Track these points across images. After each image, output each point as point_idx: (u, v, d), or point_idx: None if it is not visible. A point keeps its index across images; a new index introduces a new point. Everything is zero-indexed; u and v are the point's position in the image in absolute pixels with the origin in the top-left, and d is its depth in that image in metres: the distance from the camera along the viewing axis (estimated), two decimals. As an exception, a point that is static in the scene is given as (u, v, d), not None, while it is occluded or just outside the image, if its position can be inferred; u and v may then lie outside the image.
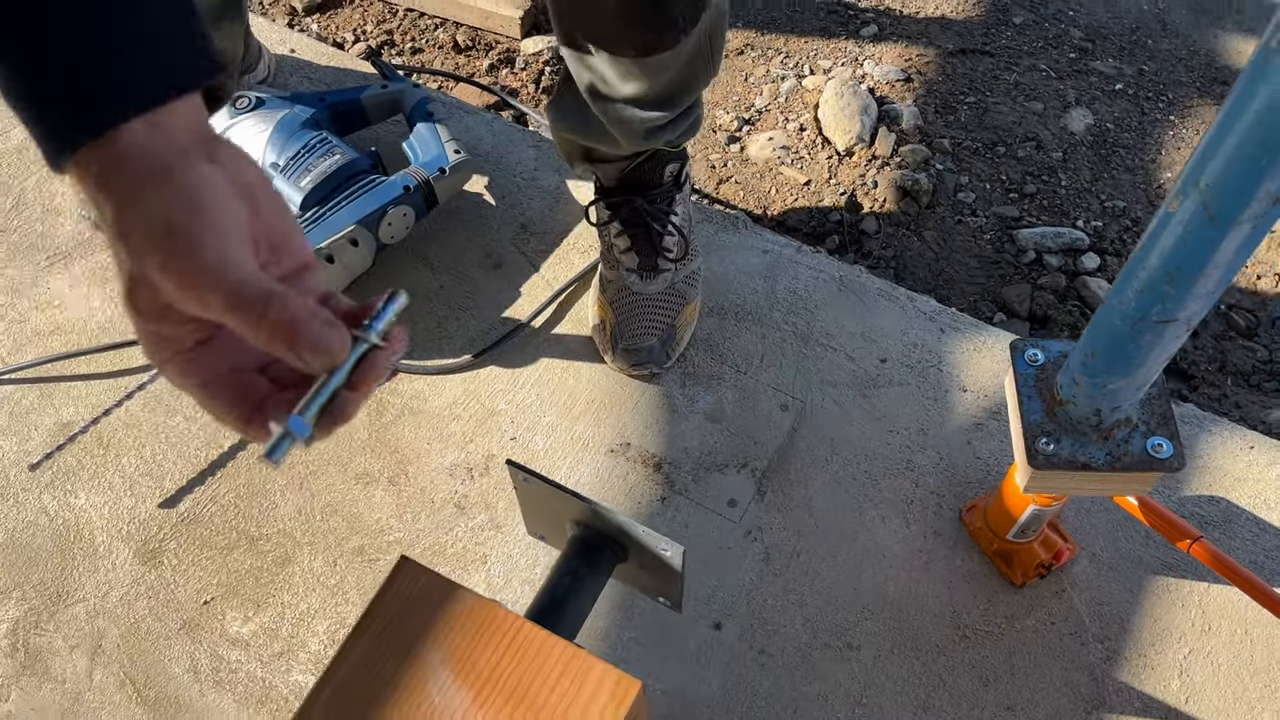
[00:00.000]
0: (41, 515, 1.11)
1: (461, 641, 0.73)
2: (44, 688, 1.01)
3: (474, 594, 0.74)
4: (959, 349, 1.18)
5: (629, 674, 0.71)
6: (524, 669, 0.72)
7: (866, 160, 1.52)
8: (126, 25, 0.44)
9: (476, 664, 0.72)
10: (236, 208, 0.45)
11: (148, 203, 0.43)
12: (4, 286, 1.26)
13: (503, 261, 1.27)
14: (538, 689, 0.71)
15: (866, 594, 1.04)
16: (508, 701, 0.70)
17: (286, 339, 0.44)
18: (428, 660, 0.72)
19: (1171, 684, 0.98)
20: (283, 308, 0.44)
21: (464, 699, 0.71)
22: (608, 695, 0.71)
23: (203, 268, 0.43)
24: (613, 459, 1.12)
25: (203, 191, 0.43)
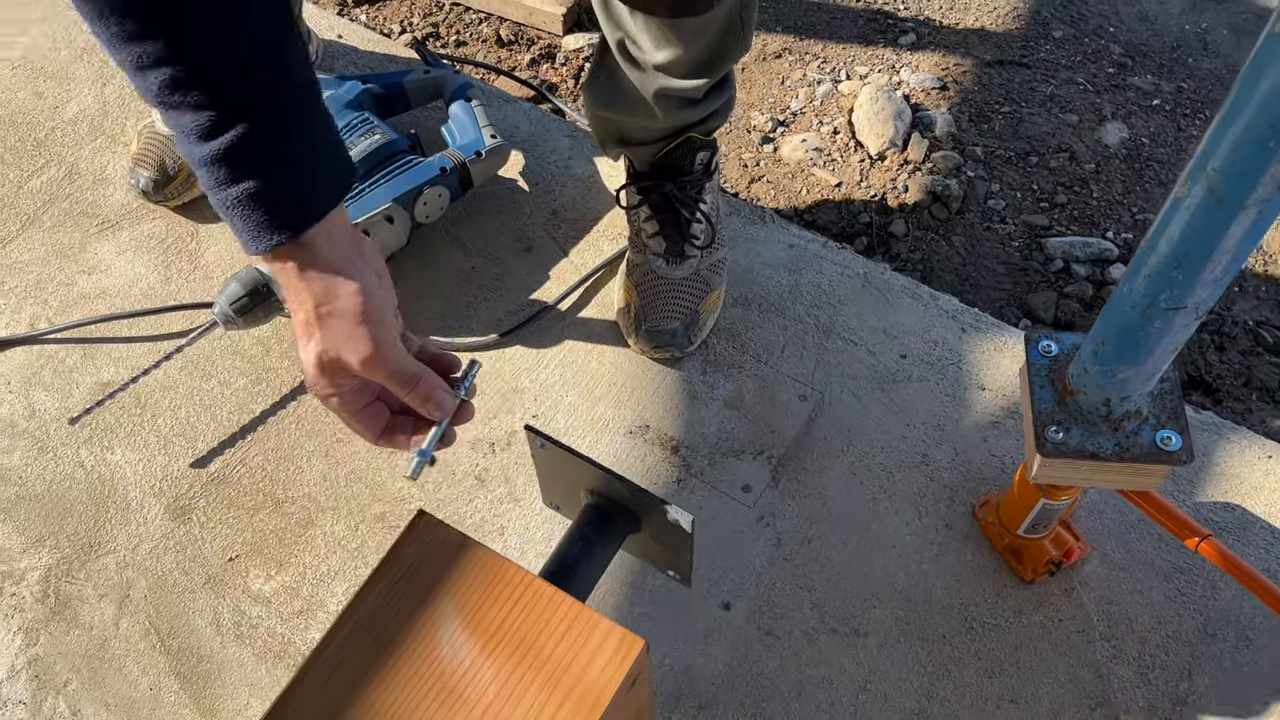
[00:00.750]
0: (78, 469, 1.15)
1: (473, 593, 0.75)
2: (72, 633, 1.05)
3: (487, 549, 0.76)
4: (980, 348, 1.19)
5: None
6: (531, 623, 0.74)
7: (898, 165, 1.54)
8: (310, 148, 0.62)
9: (486, 616, 0.74)
10: (388, 300, 0.66)
11: (343, 305, 0.63)
12: (54, 251, 1.31)
13: (533, 245, 1.29)
14: (544, 642, 0.73)
15: (876, 582, 1.05)
16: (514, 653, 0.72)
17: (421, 402, 0.69)
18: (440, 609, 0.74)
19: (1178, 686, 0.98)
20: (424, 383, 0.68)
21: (472, 648, 0.73)
22: (611, 651, 0.72)
23: (380, 357, 0.65)
24: (631, 440, 1.14)
25: (373, 296, 0.64)
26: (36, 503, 1.13)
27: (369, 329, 0.64)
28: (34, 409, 1.19)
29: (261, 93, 0.59)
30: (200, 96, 0.58)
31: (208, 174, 0.61)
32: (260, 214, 0.61)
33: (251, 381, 1.20)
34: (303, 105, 0.62)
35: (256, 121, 0.59)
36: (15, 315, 1.26)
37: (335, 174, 0.65)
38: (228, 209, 0.62)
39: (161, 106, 0.59)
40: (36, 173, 1.38)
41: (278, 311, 1.17)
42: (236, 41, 0.58)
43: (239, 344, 1.23)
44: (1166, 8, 1.77)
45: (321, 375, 0.67)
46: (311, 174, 0.62)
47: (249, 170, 0.60)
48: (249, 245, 0.62)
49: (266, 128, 0.60)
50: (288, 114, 0.61)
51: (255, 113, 0.59)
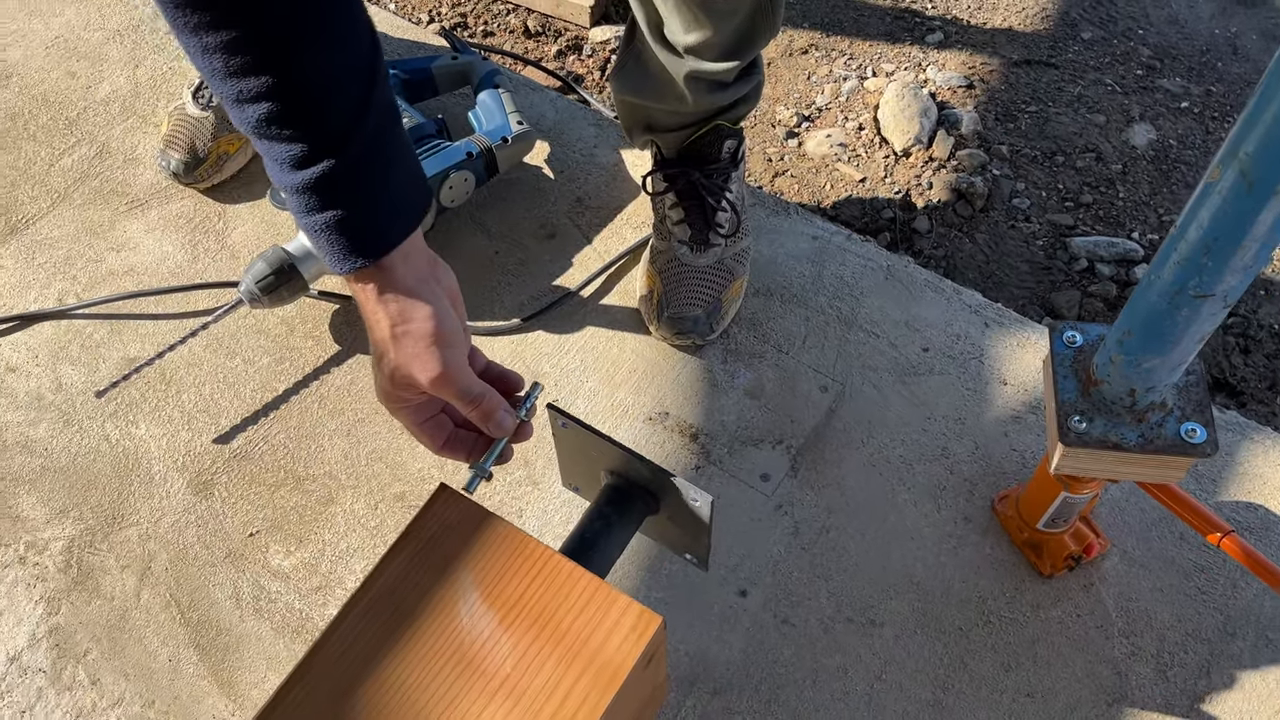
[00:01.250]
0: (103, 442, 1.16)
1: (493, 566, 0.75)
2: (93, 603, 1.06)
3: (507, 523, 0.77)
4: (1002, 343, 1.18)
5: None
6: (550, 597, 0.74)
7: (923, 162, 1.53)
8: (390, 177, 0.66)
9: (505, 588, 0.74)
10: (458, 322, 0.70)
11: (416, 327, 0.67)
12: (84, 228, 1.32)
13: (557, 232, 1.30)
14: (562, 616, 0.73)
15: (893, 573, 1.05)
16: (532, 626, 0.73)
17: (483, 420, 0.72)
18: (460, 580, 0.75)
19: (1196, 684, 0.97)
20: (487, 403, 0.72)
21: (491, 620, 0.73)
22: (629, 627, 0.73)
23: (447, 377, 0.68)
24: (651, 426, 1.15)
25: (445, 319, 0.68)
26: (61, 474, 1.14)
27: (439, 350, 0.67)
28: (61, 382, 1.20)
29: (350, 126, 0.63)
30: (294, 132, 0.62)
31: (297, 200, 0.65)
32: (344, 240, 0.65)
33: (275, 360, 1.21)
34: (385, 135, 0.66)
35: (343, 155, 0.63)
36: (44, 290, 1.27)
37: (413, 200, 0.69)
38: (314, 233, 0.66)
39: (255, 136, 0.63)
40: (68, 151, 1.39)
41: (302, 291, 1.18)
42: (333, 82, 0.62)
43: (263, 323, 1.24)
44: (1196, 11, 1.76)
45: (393, 389, 0.71)
46: (390, 203, 0.66)
47: (334, 201, 0.64)
48: (333, 266, 0.67)
49: (351, 162, 0.64)
50: (371, 147, 0.65)
51: (342, 148, 0.63)
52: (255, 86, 0.61)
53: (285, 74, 0.61)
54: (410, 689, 0.71)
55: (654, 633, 0.73)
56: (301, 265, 1.16)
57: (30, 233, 1.32)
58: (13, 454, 1.15)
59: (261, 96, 0.61)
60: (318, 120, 0.63)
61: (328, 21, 0.61)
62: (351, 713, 0.70)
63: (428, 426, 0.75)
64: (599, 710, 0.69)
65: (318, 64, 0.61)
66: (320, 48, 0.61)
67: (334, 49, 0.62)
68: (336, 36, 0.62)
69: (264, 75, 0.60)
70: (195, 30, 0.59)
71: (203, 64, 0.61)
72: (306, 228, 0.66)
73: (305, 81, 0.61)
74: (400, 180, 0.67)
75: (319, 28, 0.61)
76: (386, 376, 0.70)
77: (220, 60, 0.60)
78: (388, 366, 0.69)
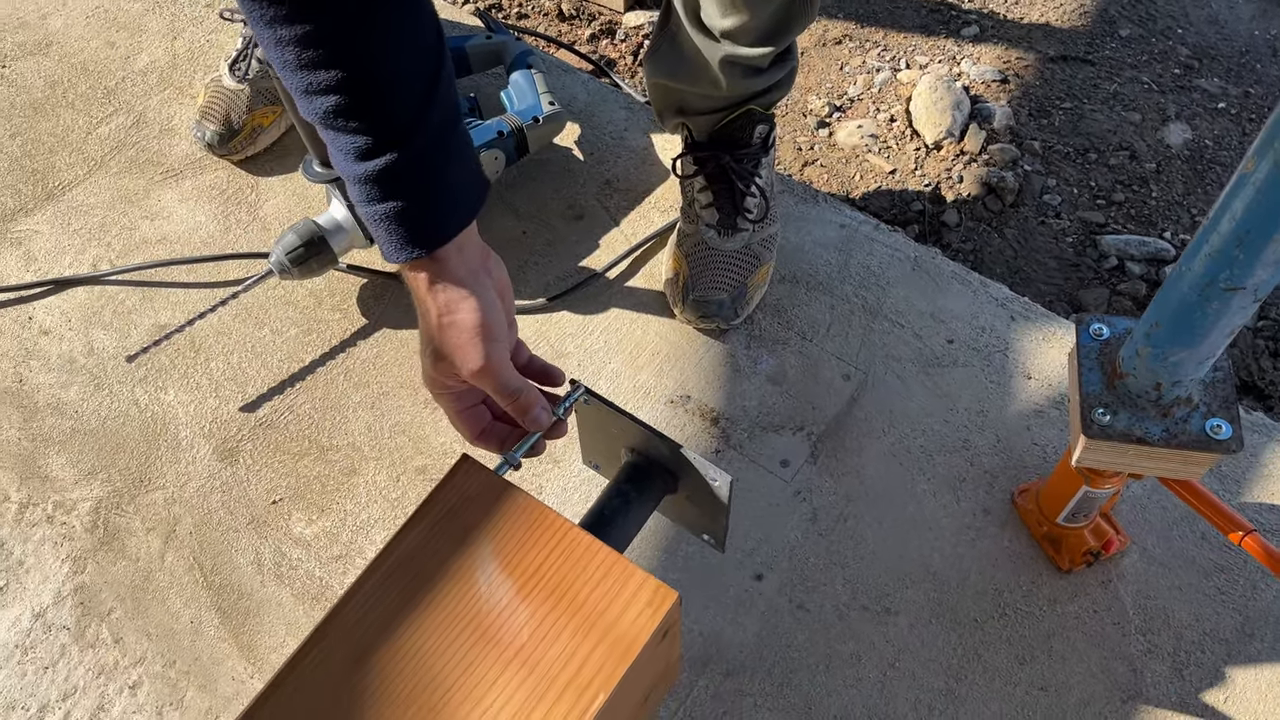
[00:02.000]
0: (133, 407, 1.18)
1: (512, 537, 0.76)
2: (118, 563, 1.08)
3: (527, 495, 0.77)
4: (1028, 336, 1.18)
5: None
6: (568, 569, 0.74)
7: (954, 155, 1.53)
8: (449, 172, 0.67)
9: (524, 560, 0.75)
10: (503, 315, 0.71)
11: (462, 319, 0.68)
12: (119, 196, 1.34)
13: (585, 214, 1.30)
14: (579, 588, 0.73)
15: (910, 563, 1.05)
16: (549, 597, 0.73)
17: (520, 414, 0.74)
18: (479, 551, 0.75)
19: (1211, 683, 0.97)
20: (525, 398, 0.73)
21: (508, 590, 0.74)
22: (645, 601, 0.73)
23: (489, 370, 0.70)
24: (672, 409, 1.15)
25: (490, 312, 0.69)
26: (91, 437, 1.16)
27: (482, 343, 0.69)
28: (92, 347, 1.22)
29: (414, 120, 0.65)
30: (360, 124, 0.64)
31: (358, 190, 0.66)
32: (402, 231, 0.67)
33: (303, 331, 1.22)
34: (447, 130, 0.67)
35: (405, 149, 0.65)
36: (79, 256, 1.29)
37: (470, 194, 0.70)
38: (373, 221, 0.67)
39: (322, 126, 0.65)
40: (105, 120, 1.41)
41: (331, 264, 1.19)
42: (399, 77, 0.64)
43: (292, 294, 1.25)
44: (1236, 12, 1.74)
45: (437, 375, 0.72)
46: (448, 197, 0.68)
47: (395, 192, 0.66)
48: (389, 255, 0.69)
49: (414, 156, 0.65)
50: (434, 142, 0.66)
51: (406, 141, 0.65)
52: (325, 80, 0.62)
53: (354, 68, 0.62)
54: (426, 655, 0.72)
55: (670, 607, 0.73)
56: (331, 238, 1.17)
57: (67, 199, 1.34)
58: (44, 415, 1.17)
59: (330, 89, 0.62)
60: (383, 114, 0.64)
61: (397, 18, 0.62)
62: (368, 677, 0.71)
63: (467, 415, 0.76)
64: (613, 681, 0.69)
65: (386, 59, 0.63)
66: (389, 44, 0.62)
67: (402, 45, 0.63)
68: (405, 33, 0.63)
69: (334, 69, 0.62)
70: (270, 23, 0.61)
71: (275, 55, 0.62)
72: (367, 216, 0.68)
73: (373, 76, 0.63)
74: (459, 174, 0.69)
75: (388, 24, 0.62)
76: (431, 363, 0.72)
77: (292, 53, 0.61)
78: (433, 354, 0.71)
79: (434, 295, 0.69)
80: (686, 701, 0.98)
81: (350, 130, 0.64)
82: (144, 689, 1.01)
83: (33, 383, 1.20)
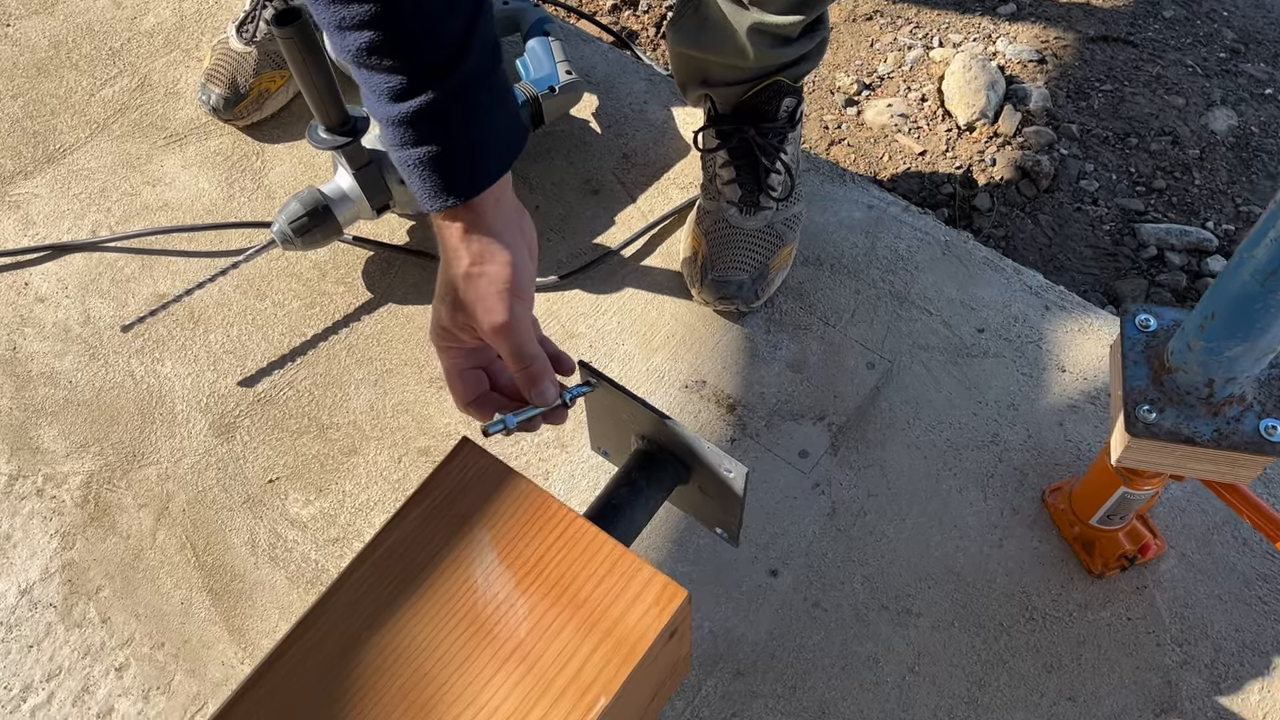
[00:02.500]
0: (128, 378, 1.14)
1: (512, 525, 0.71)
2: (108, 540, 1.04)
3: (529, 481, 0.73)
4: (1062, 328, 1.12)
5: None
6: (571, 562, 0.70)
7: (988, 137, 1.47)
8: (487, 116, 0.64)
9: (524, 550, 0.70)
10: (532, 276, 0.68)
11: (493, 271, 0.65)
12: (121, 160, 1.30)
13: (601, 189, 1.25)
14: (582, 583, 0.69)
15: (932, 562, 0.99)
16: (550, 591, 0.69)
17: (529, 384, 0.69)
18: (477, 538, 0.71)
19: (1250, 698, 0.92)
20: (539, 368, 0.69)
21: (507, 582, 0.70)
22: (652, 599, 0.69)
23: (509, 328, 0.66)
24: (686, 395, 1.10)
25: (521, 270, 0.66)
26: (84, 408, 1.12)
27: (508, 300, 0.66)
28: (89, 315, 1.18)
29: (452, 61, 0.61)
30: (395, 62, 0.60)
31: (392, 133, 0.63)
32: (437, 177, 0.63)
33: (305, 305, 1.18)
34: (486, 72, 0.63)
35: (443, 90, 0.61)
36: (78, 221, 1.25)
37: (509, 141, 0.66)
38: (407, 167, 0.64)
39: (355, 65, 0.61)
40: (109, 81, 1.37)
41: (336, 235, 1.14)
42: (437, 13, 0.60)
43: (295, 266, 1.21)
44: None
45: (450, 327, 0.69)
46: (487, 142, 0.64)
47: (430, 135, 0.62)
48: (423, 202, 0.65)
49: (451, 97, 0.62)
50: (472, 83, 0.62)
51: (443, 81, 0.61)
52: (358, 13, 0.58)
53: (390, 2, 0.59)
54: (420, 649, 0.67)
55: (678, 607, 0.69)
56: (336, 208, 1.12)
57: (67, 162, 1.30)
58: (37, 385, 1.14)
59: (364, 24, 0.59)
60: (420, 51, 0.60)
61: None
62: (357, 669, 0.67)
63: (466, 376, 0.73)
64: (615, 684, 0.65)
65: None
66: None
67: None
68: None
69: (368, 2, 0.58)
70: None
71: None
72: (400, 162, 0.64)
73: (410, 11, 0.59)
74: (498, 119, 0.65)
75: None
76: (448, 313, 0.68)
77: None
78: (450, 302, 0.68)
79: (467, 243, 0.65)
80: (694, 701, 0.93)
81: (384, 69, 0.60)
82: (131, 671, 0.97)
83: (26, 351, 1.16)
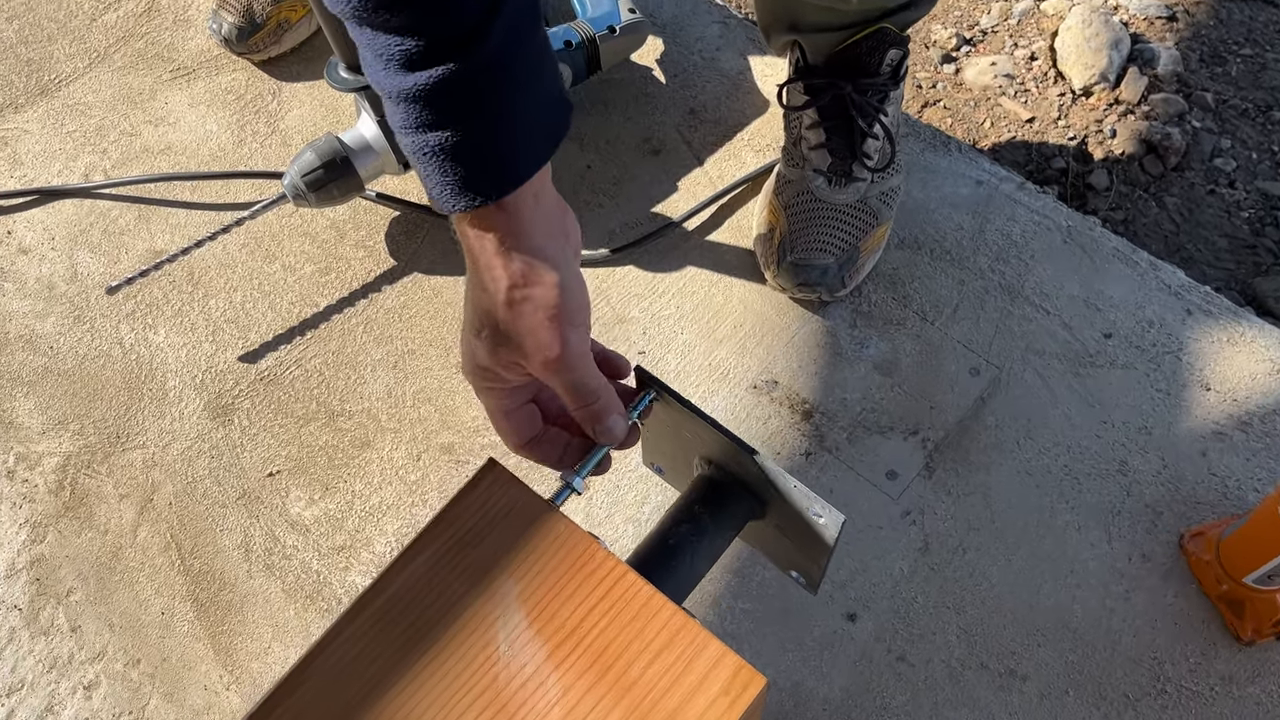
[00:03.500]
0: (116, 346, 1.00)
1: (546, 579, 0.57)
2: (84, 534, 0.91)
3: (570, 522, 0.58)
4: (1208, 337, 0.94)
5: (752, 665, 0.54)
6: (619, 630, 0.55)
7: (1107, 104, 1.27)
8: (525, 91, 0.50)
9: (560, 612, 0.56)
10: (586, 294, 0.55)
11: (539, 295, 0.52)
12: (121, 95, 1.15)
13: (663, 148, 1.08)
14: (631, 658, 0.54)
15: (1043, 614, 0.83)
16: (591, 666, 0.54)
17: (591, 421, 0.57)
18: (501, 592, 0.56)
19: None
20: (602, 403, 0.56)
21: (537, 652, 0.55)
22: (720, 687, 0.54)
23: (567, 362, 0.54)
24: (755, 397, 0.94)
25: (574, 291, 0.53)
26: (65, 379, 0.98)
27: (560, 328, 0.53)
28: (76, 271, 1.04)
29: (481, 20, 0.47)
30: (408, 20, 0.47)
31: (403, 112, 0.50)
32: (460, 170, 0.50)
33: (320, 270, 1.03)
34: (523, 36, 0.49)
35: (467, 58, 0.48)
36: (70, 163, 1.11)
37: (550, 120, 0.52)
38: (421, 156, 0.50)
39: (355, 21, 0.48)
40: (113, 6, 1.21)
41: (356, 191, 0.99)
42: None
43: (311, 225, 1.06)
44: None
45: (492, 365, 0.56)
46: (524, 125, 0.51)
47: (452, 116, 0.49)
48: (442, 203, 0.51)
49: (479, 67, 0.48)
50: (506, 49, 0.49)
51: (469, 47, 0.47)
52: None
53: None
54: (423, 731, 0.53)
55: (754, 699, 0.53)
56: (357, 160, 0.97)
57: (62, 95, 1.15)
58: (14, 349, 1.00)
59: None
60: (441, 7, 0.46)
61: None
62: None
63: (515, 416, 0.59)
64: (671, 806, 0.50)
65: None
66: None
67: None
68: None
69: None
70: None
71: None
72: (412, 149, 0.50)
73: None
74: (537, 94, 0.51)
75: None
76: (487, 349, 0.55)
77: None
78: (492, 337, 0.54)
79: (506, 261, 0.52)
80: (753, 769, 0.79)
81: (393, 28, 0.47)
82: (101, 691, 0.84)
83: (5, 309, 1.02)
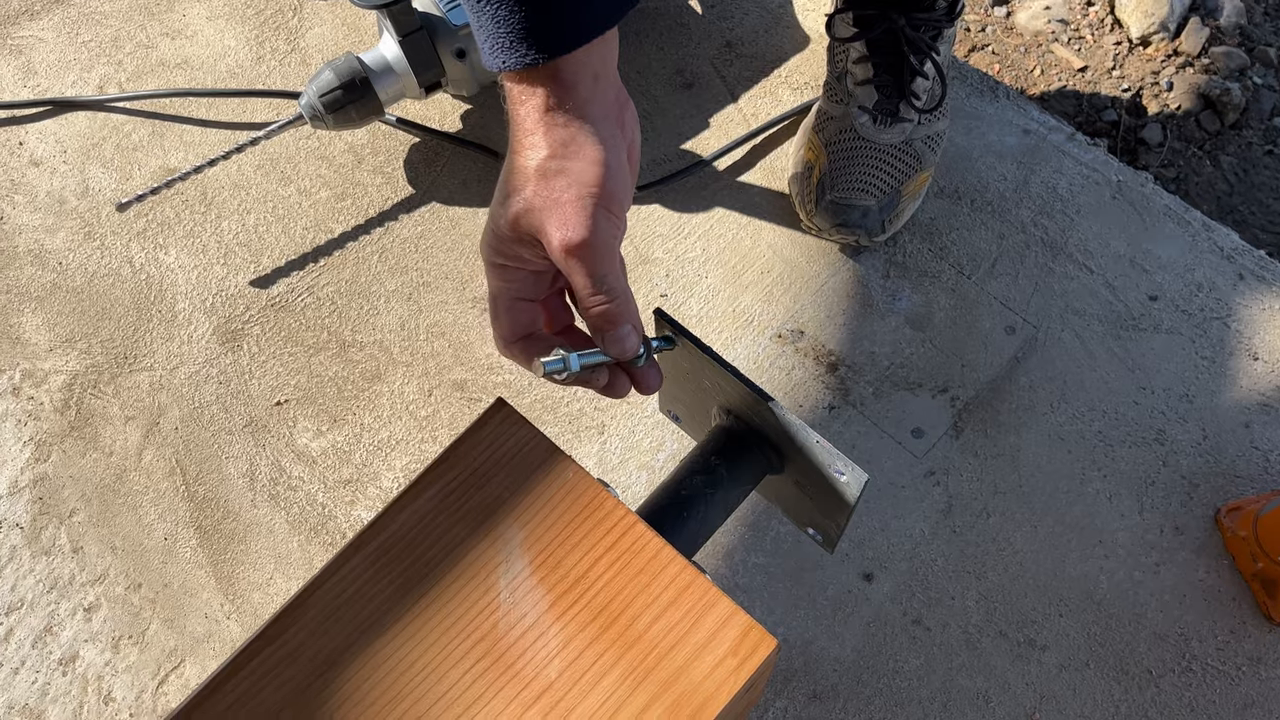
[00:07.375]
0: (125, 265, 0.97)
1: (552, 525, 0.54)
2: (88, 455, 0.89)
3: (580, 469, 0.55)
4: (1259, 304, 0.90)
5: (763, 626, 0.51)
6: (625, 583, 0.53)
7: (1165, 55, 1.21)
8: None
9: (565, 560, 0.53)
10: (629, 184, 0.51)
11: (577, 170, 0.48)
12: (138, 5, 1.11)
13: (695, 82, 1.04)
14: (637, 612, 0.52)
15: (1067, 584, 0.80)
16: (595, 619, 0.52)
17: (606, 324, 0.51)
18: (505, 537, 0.54)
19: None
20: (619, 305, 0.51)
21: (539, 601, 0.53)
22: (729, 647, 0.51)
23: (589, 248, 0.48)
24: (779, 346, 0.91)
25: (617, 175, 0.49)
26: (73, 296, 0.96)
27: (593, 212, 0.48)
28: (88, 186, 1.01)
29: None
30: None
31: None
32: (516, 19, 0.46)
33: (336, 195, 1.00)
34: None
35: None
36: (84, 74, 1.07)
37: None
38: (476, 6, 0.47)
39: None
40: (132, -89, 1.17)
41: (375, 115, 0.95)
42: None
43: (329, 148, 1.02)
44: None
45: (510, 236, 0.51)
46: None
47: None
48: (491, 56, 0.48)
49: None
50: None
51: None
52: None
53: None
54: (419, 675, 0.52)
55: (763, 660, 0.51)
56: (377, 82, 0.93)
57: (79, 3, 1.12)
58: (23, 263, 0.98)
59: None
60: None
61: None
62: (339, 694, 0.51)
63: (515, 309, 0.54)
64: (671, 765, 0.48)
65: None
66: None
67: None
68: None
69: None
70: None
71: None
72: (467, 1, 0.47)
73: None
74: None
75: None
76: (509, 219, 0.50)
77: None
78: (517, 206, 0.50)
79: (548, 126, 0.48)
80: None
81: None
82: (101, 614, 0.83)
83: (15, 222, 1.00)
